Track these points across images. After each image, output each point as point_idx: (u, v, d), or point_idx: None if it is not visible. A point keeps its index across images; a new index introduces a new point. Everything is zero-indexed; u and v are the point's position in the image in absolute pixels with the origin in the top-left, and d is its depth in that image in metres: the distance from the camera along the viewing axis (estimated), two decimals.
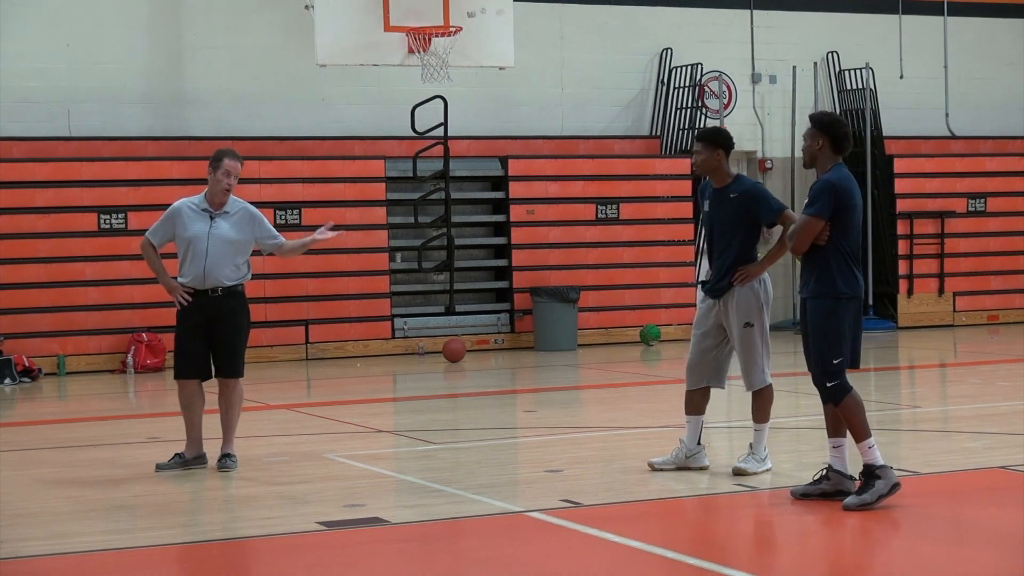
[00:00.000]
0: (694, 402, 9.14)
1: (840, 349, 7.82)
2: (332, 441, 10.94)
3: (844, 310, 7.82)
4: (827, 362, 7.83)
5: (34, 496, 8.83)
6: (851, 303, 7.85)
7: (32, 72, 18.25)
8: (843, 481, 7.87)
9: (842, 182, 7.87)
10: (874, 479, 7.67)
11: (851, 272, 7.85)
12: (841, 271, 7.82)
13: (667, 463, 9.07)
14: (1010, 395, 12.93)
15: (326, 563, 6.90)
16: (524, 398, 14.60)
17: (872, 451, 7.74)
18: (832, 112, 7.89)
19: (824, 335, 7.84)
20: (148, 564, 7.05)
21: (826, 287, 7.82)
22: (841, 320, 7.81)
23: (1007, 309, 22.02)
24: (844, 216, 7.81)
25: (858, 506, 7.62)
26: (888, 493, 7.66)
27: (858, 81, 21.81)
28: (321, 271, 18.75)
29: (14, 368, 16.58)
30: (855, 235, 7.88)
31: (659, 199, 20.34)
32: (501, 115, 20.38)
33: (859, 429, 7.79)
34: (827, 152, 7.98)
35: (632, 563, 6.74)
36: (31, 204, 17.66)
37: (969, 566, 6.63)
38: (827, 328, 7.82)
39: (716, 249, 9.05)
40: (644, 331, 19.71)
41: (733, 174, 9.05)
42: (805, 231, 7.82)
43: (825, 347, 7.83)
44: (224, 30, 19.06)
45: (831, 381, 7.83)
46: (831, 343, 7.82)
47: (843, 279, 7.81)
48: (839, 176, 7.90)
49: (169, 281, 9.96)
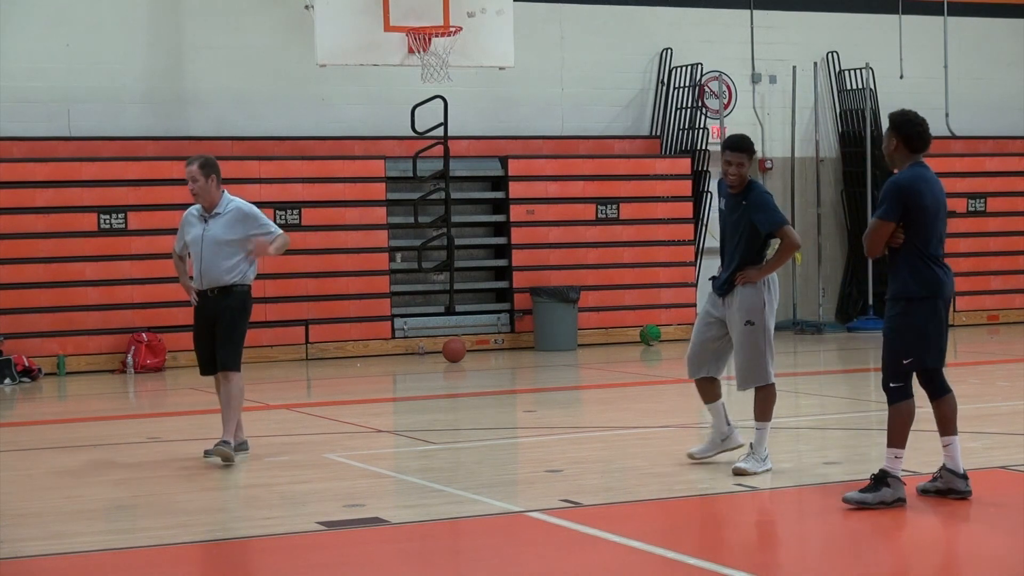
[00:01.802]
0: (705, 391, 9.28)
1: (909, 351, 7.75)
2: (332, 441, 10.94)
3: (916, 310, 7.75)
4: (895, 363, 7.77)
5: (34, 496, 8.83)
6: (925, 303, 7.77)
7: (32, 72, 18.25)
8: (954, 480, 7.82)
9: (910, 182, 7.77)
10: (884, 485, 7.66)
11: (928, 271, 7.78)
12: (916, 270, 7.75)
13: (706, 451, 9.23)
14: (1010, 395, 12.94)
15: (326, 563, 6.90)
16: (524, 398, 14.60)
17: (896, 461, 7.70)
18: (909, 110, 7.82)
19: (893, 336, 7.79)
20: (148, 564, 7.05)
21: (899, 288, 7.78)
22: (912, 321, 7.74)
23: (1007, 309, 22.02)
24: (915, 216, 7.74)
25: (857, 502, 7.63)
26: (891, 503, 7.63)
27: (858, 81, 21.80)
28: (321, 271, 18.75)
29: (14, 368, 16.58)
30: (932, 233, 7.82)
31: (659, 199, 20.33)
32: (501, 115, 20.38)
33: (896, 436, 7.73)
34: (902, 151, 7.89)
35: (632, 563, 6.74)
36: (31, 204, 17.66)
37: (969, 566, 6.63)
38: (896, 329, 7.77)
39: (727, 249, 9.21)
40: (644, 331, 19.71)
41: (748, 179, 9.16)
42: (873, 234, 7.77)
43: (891, 348, 7.78)
44: (224, 30, 19.06)
45: (895, 382, 7.76)
46: (899, 344, 7.76)
47: (917, 279, 7.75)
48: (908, 176, 7.81)
49: (186, 283, 10.39)
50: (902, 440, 7.73)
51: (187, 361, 17.58)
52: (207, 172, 10.02)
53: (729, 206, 9.15)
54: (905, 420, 7.73)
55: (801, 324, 21.17)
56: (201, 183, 10.02)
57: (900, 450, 7.71)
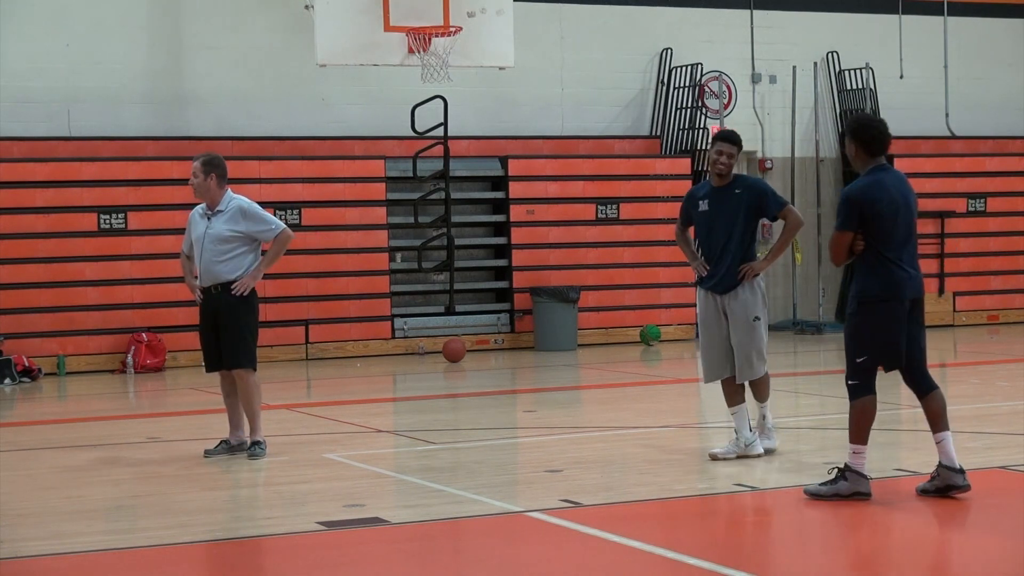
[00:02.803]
0: (732, 393, 9.45)
1: (861, 350, 7.87)
2: (332, 441, 10.94)
3: (872, 311, 7.86)
4: (850, 361, 7.94)
5: (34, 496, 8.83)
6: (882, 305, 7.86)
7: (32, 72, 18.26)
8: (951, 476, 7.86)
9: (861, 192, 7.90)
10: (842, 479, 7.84)
11: (888, 273, 7.87)
12: (875, 273, 7.88)
13: (728, 452, 9.33)
14: (1010, 395, 12.93)
15: (326, 563, 6.90)
16: (524, 398, 14.60)
17: (857, 457, 7.85)
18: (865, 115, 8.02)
19: (849, 335, 7.97)
20: (148, 564, 7.05)
21: (858, 289, 7.95)
22: (868, 320, 7.86)
23: (1007, 309, 22.02)
24: (872, 223, 7.86)
25: (813, 494, 7.88)
26: (847, 496, 7.79)
27: (858, 81, 21.80)
28: (321, 271, 18.76)
29: (14, 368, 16.59)
30: (891, 237, 7.88)
31: (659, 199, 20.33)
32: (501, 115, 20.38)
33: (857, 432, 7.88)
34: (862, 156, 8.05)
35: (632, 563, 6.74)
36: (31, 204, 17.66)
37: (969, 566, 6.63)
38: (853, 328, 7.94)
39: (716, 246, 9.35)
40: (644, 331, 19.71)
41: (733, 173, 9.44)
42: (834, 245, 7.99)
43: (849, 347, 7.95)
44: (224, 30, 19.06)
45: (851, 380, 7.93)
46: (855, 343, 7.92)
47: (876, 281, 7.87)
48: (861, 185, 7.94)
49: (190, 282, 10.38)
50: (862, 436, 7.88)
51: (187, 361, 17.61)
52: (207, 170, 10.09)
53: (715, 200, 9.36)
54: (862, 416, 7.88)
55: (801, 324, 21.17)
56: (200, 179, 10.09)
57: (861, 446, 7.86)
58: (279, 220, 10.26)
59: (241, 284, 10.00)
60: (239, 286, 9.98)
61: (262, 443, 10.08)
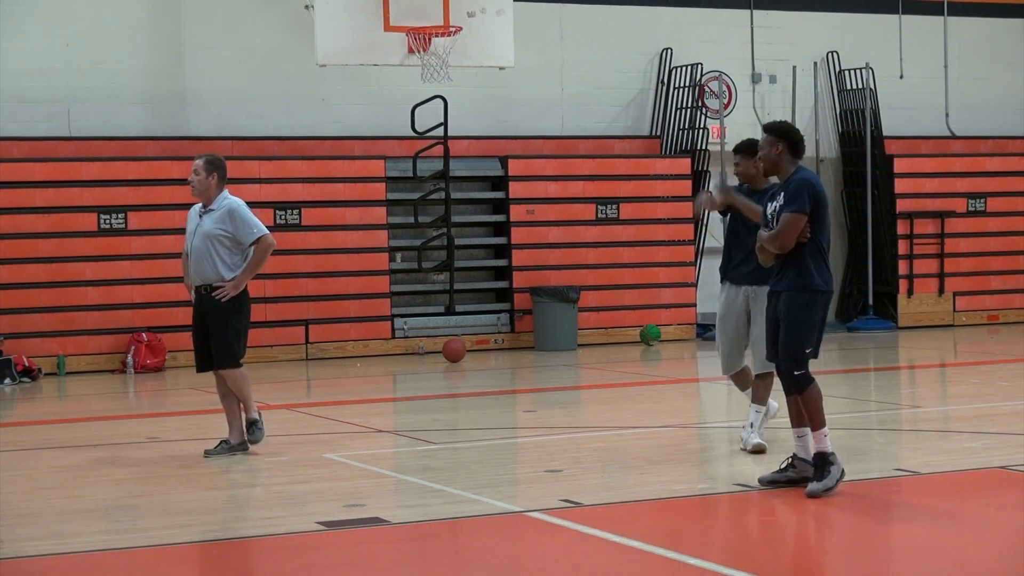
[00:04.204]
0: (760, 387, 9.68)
1: (811, 340, 8.16)
2: (332, 441, 10.94)
3: (819, 303, 8.17)
4: (799, 351, 8.15)
5: (34, 496, 8.83)
6: (825, 296, 8.21)
7: (32, 72, 18.25)
8: (808, 468, 8.20)
9: (816, 181, 8.26)
10: (829, 465, 8.05)
11: (825, 267, 8.23)
12: (818, 266, 8.18)
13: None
14: (1010, 395, 12.93)
15: (326, 563, 6.90)
16: (524, 398, 14.60)
17: (826, 440, 8.11)
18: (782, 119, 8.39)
19: (798, 326, 8.14)
20: (148, 564, 7.05)
21: (805, 281, 8.14)
22: (814, 313, 8.15)
23: (1007, 309, 22.01)
24: (820, 212, 8.18)
25: (822, 491, 7.98)
26: (840, 478, 8.08)
27: (858, 81, 21.80)
28: (321, 271, 18.75)
29: (14, 368, 16.58)
30: (826, 230, 8.24)
31: (659, 199, 20.34)
32: (501, 115, 20.38)
33: (819, 418, 8.15)
34: (787, 157, 8.30)
35: (632, 563, 6.74)
36: (31, 204, 17.66)
37: (969, 566, 6.63)
38: (802, 320, 8.13)
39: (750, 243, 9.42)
40: (644, 331, 19.71)
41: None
42: (792, 228, 8.11)
43: (797, 338, 8.14)
44: (224, 30, 19.06)
45: (799, 370, 8.16)
46: (804, 334, 8.14)
47: (820, 274, 8.17)
48: (812, 175, 8.29)
49: (187, 281, 10.39)
50: (823, 419, 8.14)
51: (187, 361, 17.56)
52: (210, 169, 10.14)
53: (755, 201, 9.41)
54: (819, 400, 8.16)
55: None
56: (202, 178, 10.13)
57: (825, 428, 8.12)
58: (263, 227, 10.21)
59: (221, 292, 10.03)
60: (220, 293, 10.02)
61: (258, 421, 10.22)
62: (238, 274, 10.09)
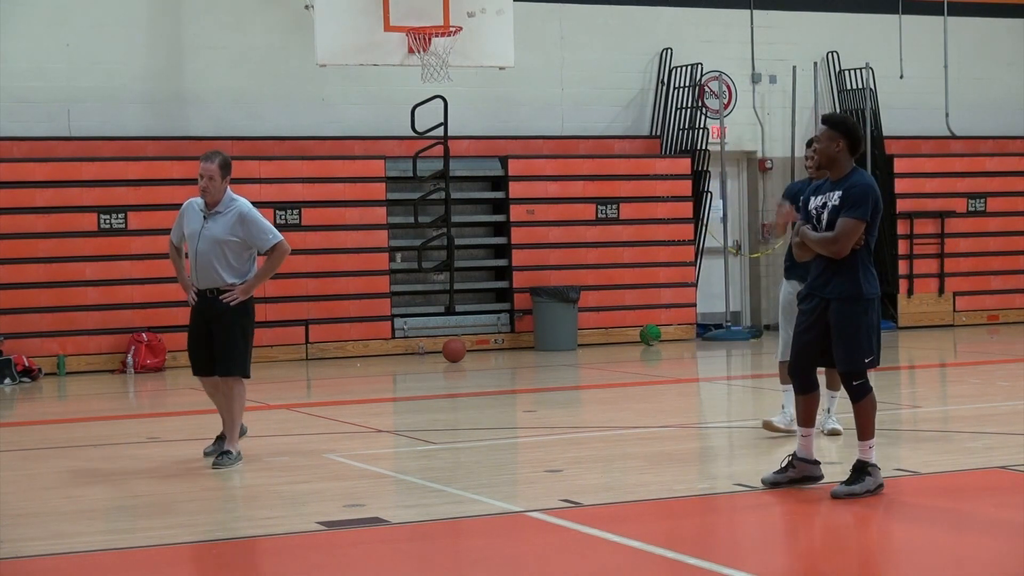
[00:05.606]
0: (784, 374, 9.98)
1: (871, 348, 8.02)
2: (332, 441, 10.94)
3: (873, 309, 8.03)
4: (859, 361, 8.00)
5: (34, 496, 8.83)
6: (877, 303, 8.08)
7: (32, 72, 18.25)
8: (808, 467, 8.20)
9: (876, 186, 8.09)
10: (865, 475, 7.94)
11: (874, 273, 8.10)
12: (867, 272, 8.04)
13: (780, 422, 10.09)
14: (1010, 395, 12.93)
15: (326, 563, 6.90)
16: (524, 398, 14.60)
17: (872, 451, 8.00)
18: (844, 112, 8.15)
19: (857, 336, 7.98)
20: (148, 564, 7.05)
21: (858, 290, 7.98)
22: (870, 319, 8.01)
23: (1007, 309, 22.01)
24: (876, 219, 8.03)
25: (846, 495, 7.89)
26: (874, 491, 7.93)
27: (858, 81, 21.80)
28: (321, 271, 18.75)
29: (14, 368, 16.58)
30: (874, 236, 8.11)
31: (659, 199, 20.33)
32: (501, 115, 20.37)
33: (869, 429, 8.02)
34: (846, 155, 8.07)
35: (632, 563, 6.74)
36: (31, 204, 17.66)
37: (969, 566, 6.63)
38: (860, 328, 7.98)
39: None
40: (644, 331, 19.71)
41: None
42: (852, 234, 7.94)
43: (858, 347, 7.98)
44: (224, 30, 19.05)
45: (859, 380, 8.01)
46: (865, 343, 7.99)
47: (869, 281, 8.03)
48: (872, 180, 8.11)
49: (184, 280, 10.15)
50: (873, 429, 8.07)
51: (187, 361, 17.54)
52: (225, 173, 9.81)
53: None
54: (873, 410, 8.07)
55: None
56: (217, 182, 9.79)
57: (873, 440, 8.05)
58: (277, 232, 9.96)
59: (231, 296, 9.75)
60: (229, 297, 9.74)
61: (232, 453, 9.76)
62: (250, 278, 9.83)
